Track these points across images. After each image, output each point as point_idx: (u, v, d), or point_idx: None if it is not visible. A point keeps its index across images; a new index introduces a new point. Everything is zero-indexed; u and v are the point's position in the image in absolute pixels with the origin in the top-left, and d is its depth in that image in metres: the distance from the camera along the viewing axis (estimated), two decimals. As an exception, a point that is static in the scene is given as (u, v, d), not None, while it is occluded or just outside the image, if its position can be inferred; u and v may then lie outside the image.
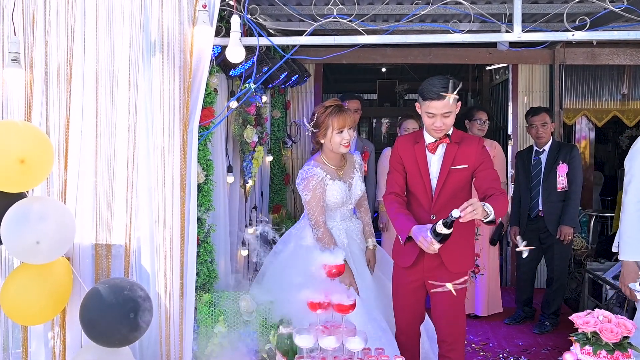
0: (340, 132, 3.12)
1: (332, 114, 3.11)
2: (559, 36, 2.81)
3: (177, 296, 2.67)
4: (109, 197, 2.68)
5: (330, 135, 3.12)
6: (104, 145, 2.68)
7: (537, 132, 4.65)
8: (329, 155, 3.21)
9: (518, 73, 6.04)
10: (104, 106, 2.69)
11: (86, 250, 2.69)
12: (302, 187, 3.13)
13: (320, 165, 3.19)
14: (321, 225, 3.11)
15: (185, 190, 2.69)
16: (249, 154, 3.99)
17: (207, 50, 2.70)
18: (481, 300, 4.96)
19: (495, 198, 2.70)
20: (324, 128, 3.13)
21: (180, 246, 2.68)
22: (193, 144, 2.72)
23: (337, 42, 2.87)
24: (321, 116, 3.13)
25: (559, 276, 4.63)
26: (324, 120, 3.12)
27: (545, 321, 4.67)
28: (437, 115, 2.82)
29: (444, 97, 2.77)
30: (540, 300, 4.91)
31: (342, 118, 3.11)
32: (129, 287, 2.33)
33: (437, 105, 2.80)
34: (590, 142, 6.49)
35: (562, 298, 4.75)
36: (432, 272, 2.94)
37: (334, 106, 3.15)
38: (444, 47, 5.80)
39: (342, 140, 3.12)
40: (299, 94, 6.03)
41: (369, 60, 5.98)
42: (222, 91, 3.51)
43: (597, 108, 6.24)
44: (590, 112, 6.23)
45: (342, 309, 2.39)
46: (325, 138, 3.15)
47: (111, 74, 2.69)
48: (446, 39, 2.89)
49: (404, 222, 2.82)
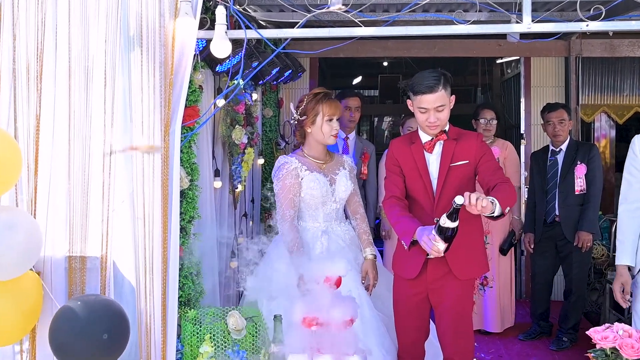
0: (330, 121, 3.16)
1: (323, 100, 3.17)
2: (572, 27, 2.81)
3: (159, 313, 2.65)
4: (83, 204, 2.67)
5: (320, 122, 3.17)
6: (77, 148, 2.68)
7: (553, 130, 4.65)
8: (312, 148, 3.25)
9: (531, 66, 6.05)
10: (78, 105, 2.68)
11: (58, 263, 2.67)
12: (274, 177, 3.19)
13: (298, 156, 3.24)
14: (287, 219, 3.14)
15: (168, 197, 2.68)
16: (238, 157, 3.98)
17: (190, 44, 2.70)
18: (492, 314, 4.94)
19: (498, 188, 2.72)
20: (312, 115, 3.17)
21: (162, 258, 2.67)
22: (176, 146, 2.71)
23: (332, 34, 2.88)
24: (310, 102, 3.18)
25: (577, 287, 4.62)
26: (314, 107, 3.17)
27: (563, 337, 4.66)
28: (429, 109, 2.86)
29: (435, 89, 2.81)
30: (557, 314, 4.90)
31: (332, 105, 3.18)
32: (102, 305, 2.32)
33: (429, 99, 2.84)
34: (611, 141, 6.48)
35: (581, 311, 4.74)
36: (438, 283, 2.94)
37: (323, 93, 3.20)
38: (450, 39, 5.81)
39: (332, 130, 3.15)
40: (293, 91, 6.02)
41: (368, 53, 5.99)
42: (208, 88, 3.51)
43: (618, 104, 6.24)
44: (610, 109, 6.23)
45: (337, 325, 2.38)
46: (313, 126, 3.18)
47: (86, 70, 2.68)
48: (451, 30, 2.90)
49: (407, 224, 2.82)
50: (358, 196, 3.43)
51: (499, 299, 4.95)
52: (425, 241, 2.65)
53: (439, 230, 2.58)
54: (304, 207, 3.25)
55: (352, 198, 3.38)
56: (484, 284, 4.90)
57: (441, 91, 2.84)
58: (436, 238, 2.60)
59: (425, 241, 2.65)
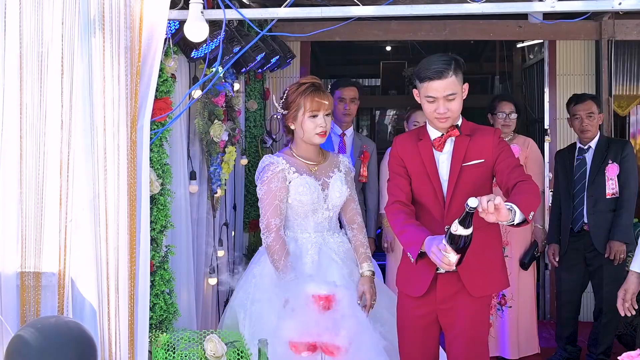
0: (314, 117, 3.15)
1: (305, 93, 3.16)
2: (603, 5, 2.84)
3: (126, 338, 2.65)
4: (37, 212, 2.67)
5: (301, 119, 3.17)
6: (30, 147, 2.68)
7: (581, 125, 4.67)
8: (300, 147, 3.26)
9: (556, 51, 6.07)
10: (31, 98, 2.68)
11: (9, 280, 2.67)
12: (258, 180, 3.20)
13: (286, 156, 3.24)
14: (272, 230, 3.14)
15: (135, 203, 2.69)
16: (218, 157, 3.99)
17: (160, 27, 2.71)
18: (510, 338, 4.95)
19: (518, 189, 2.69)
20: (294, 109, 3.18)
21: (130, 274, 2.67)
22: (144, 144, 2.72)
23: (325, 14, 2.89)
24: (292, 94, 3.19)
25: (609, 306, 4.62)
26: (295, 100, 3.18)
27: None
28: (439, 98, 2.86)
29: (445, 75, 2.81)
30: (586, 336, 4.93)
31: (316, 99, 3.15)
32: (65, 329, 2.30)
33: (438, 86, 2.84)
34: (648, 137, 6.53)
35: (614, 334, 4.76)
36: (449, 302, 2.94)
37: (310, 84, 3.19)
38: (463, 19, 5.82)
39: (316, 128, 3.14)
40: (281, 80, 6.04)
41: (368, 37, 6.00)
42: (182, 78, 3.52)
43: (657, 94, 6.28)
44: (648, 100, 6.27)
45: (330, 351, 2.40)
46: (295, 123, 3.19)
47: (39, 57, 2.68)
48: (464, 9, 2.92)
49: (414, 234, 2.80)
50: (355, 203, 3.42)
51: (519, 320, 4.97)
52: (435, 252, 2.61)
53: (450, 239, 2.54)
54: (292, 214, 3.26)
55: (348, 205, 3.38)
56: (502, 303, 4.92)
57: (452, 77, 2.84)
58: (447, 248, 2.56)
59: (435, 252, 2.61)
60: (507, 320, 4.95)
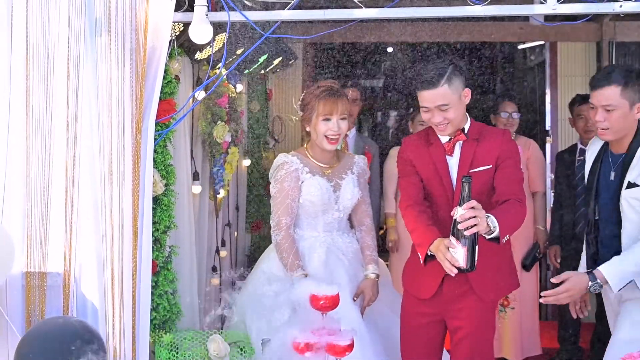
0: (327, 120, 3.13)
1: (320, 96, 3.14)
2: (604, 7, 2.84)
3: (129, 338, 2.67)
4: (43, 213, 2.69)
5: (314, 121, 3.16)
6: (37, 148, 2.70)
7: (585, 126, 4.65)
8: (314, 149, 3.26)
9: (558, 53, 6.07)
10: (37, 99, 2.70)
11: (15, 280, 2.69)
12: (272, 178, 3.22)
13: (300, 156, 3.24)
14: (282, 228, 3.16)
15: (139, 204, 2.70)
16: (220, 158, 4.00)
17: (165, 29, 2.73)
18: (513, 340, 4.95)
19: (506, 208, 2.65)
20: (308, 111, 3.18)
21: (133, 274, 2.69)
22: (149, 145, 2.74)
23: (327, 16, 2.90)
24: (308, 96, 3.20)
25: (611, 307, 4.64)
26: (310, 102, 3.17)
27: (595, 364, 4.70)
28: (431, 109, 2.80)
29: (436, 85, 2.74)
30: (588, 337, 4.93)
31: (330, 102, 3.13)
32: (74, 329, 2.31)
33: (428, 97, 2.78)
34: (650, 139, 6.52)
35: (615, 334, 4.76)
36: (456, 304, 2.90)
37: (325, 87, 3.18)
38: (464, 21, 5.83)
39: (328, 131, 3.12)
40: (284, 82, 6.04)
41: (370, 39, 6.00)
42: (186, 79, 3.53)
43: (658, 96, 6.27)
44: (649, 101, 6.27)
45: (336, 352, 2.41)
46: (309, 125, 3.19)
47: (46, 59, 2.70)
48: (465, 12, 2.90)
49: (424, 233, 2.76)
50: (366, 204, 3.40)
51: (522, 322, 4.96)
52: (442, 250, 2.57)
53: (454, 229, 2.48)
54: (302, 213, 3.27)
55: (358, 207, 3.37)
56: (505, 305, 4.91)
57: (443, 87, 2.74)
58: (451, 243, 2.51)
59: (442, 250, 2.57)
60: (510, 322, 4.94)
